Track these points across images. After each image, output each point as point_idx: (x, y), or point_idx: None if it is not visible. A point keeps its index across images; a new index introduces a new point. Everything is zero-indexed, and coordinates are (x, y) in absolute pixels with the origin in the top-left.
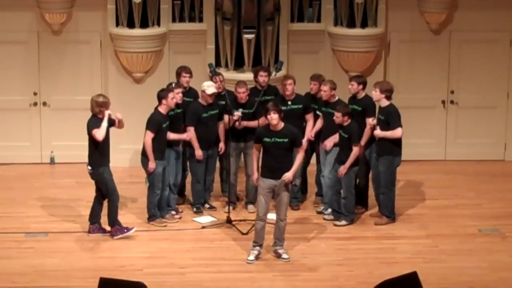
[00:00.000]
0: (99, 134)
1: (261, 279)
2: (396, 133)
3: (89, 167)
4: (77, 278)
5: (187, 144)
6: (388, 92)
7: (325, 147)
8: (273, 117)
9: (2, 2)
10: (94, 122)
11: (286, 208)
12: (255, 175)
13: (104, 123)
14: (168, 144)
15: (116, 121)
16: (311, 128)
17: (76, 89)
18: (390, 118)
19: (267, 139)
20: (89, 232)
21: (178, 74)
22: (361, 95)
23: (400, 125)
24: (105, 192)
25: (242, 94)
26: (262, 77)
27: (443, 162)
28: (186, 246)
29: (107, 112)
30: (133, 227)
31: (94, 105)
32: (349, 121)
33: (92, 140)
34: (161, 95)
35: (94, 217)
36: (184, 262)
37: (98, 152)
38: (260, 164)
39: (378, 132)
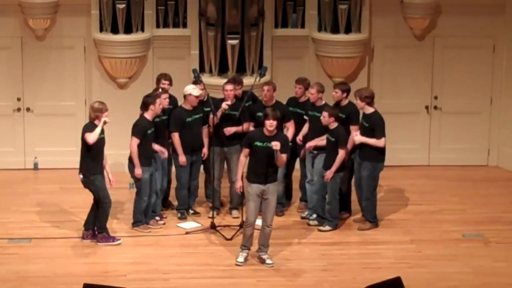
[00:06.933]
0: (91, 137)
1: (245, 284)
2: (379, 142)
3: (81, 175)
4: (60, 284)
5: (173, 149)
6: (368, 99)
7: (309, 148)
8: (273, 124)
9: None
10: (89, 127)
11: (273, 213)
12: (239, 183)
13: (98, 128)
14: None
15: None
16: (292, 134)
17: (60, 94)
18: (375, 126)
19: (258, 143)
20: (82, 238)
21: (158, 81)
22: (345, 102)
23: (385, 135)
24: (97, 199)
25: (230, 92)
26: (237, 90)
27: (426, 167)
28: (170, 252)
29: (103, 119)
30: (119, 239)
31: (90, 110)
32: (336, 124)
33: (84, 146)
34: (149, 101)
35: (89, 224)
36: (168, 267)
37: (90, 158)
38: (246, 169)
39: (359, 138)
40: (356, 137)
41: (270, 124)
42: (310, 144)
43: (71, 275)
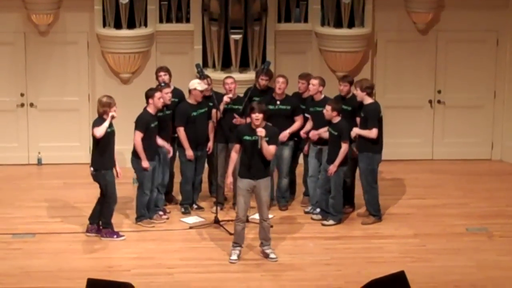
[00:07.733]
0: (98, 131)
1: (249, 279)
2: (371, 133)
3: (91, 169)
4: (64, 279)
5: (178, 144)
6: (368, 89)
7: (313, 137)
8: (258, 116)
9: None
10: (98, 122)
11: (267, 207)
12: (230, 179)
13: (106, 123)
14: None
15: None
16: (295, 127)
17: (63, 90)
18: (369, 116)
19: (247, 137)
20: (87, 231)
21: (156, 75)
22: (349, 94)
23: (376, 126)
24: (104, 194)
25: (231, 85)
26: (263, 81)
27: (430, 161)
28: (174, 247)
29: (111, 113)
30: (123, 235)
31: (99, 105)
32: (338, 118)
33: (95, 142)
34: (148, 95)
35: (94, 218)
36: (172, 262)
37: (101, 154)
38: (238, 164)
39: (354, 131)
40: (353, 131)
41: (256, 117)
42: (314, 133)
43: (75, 270)
